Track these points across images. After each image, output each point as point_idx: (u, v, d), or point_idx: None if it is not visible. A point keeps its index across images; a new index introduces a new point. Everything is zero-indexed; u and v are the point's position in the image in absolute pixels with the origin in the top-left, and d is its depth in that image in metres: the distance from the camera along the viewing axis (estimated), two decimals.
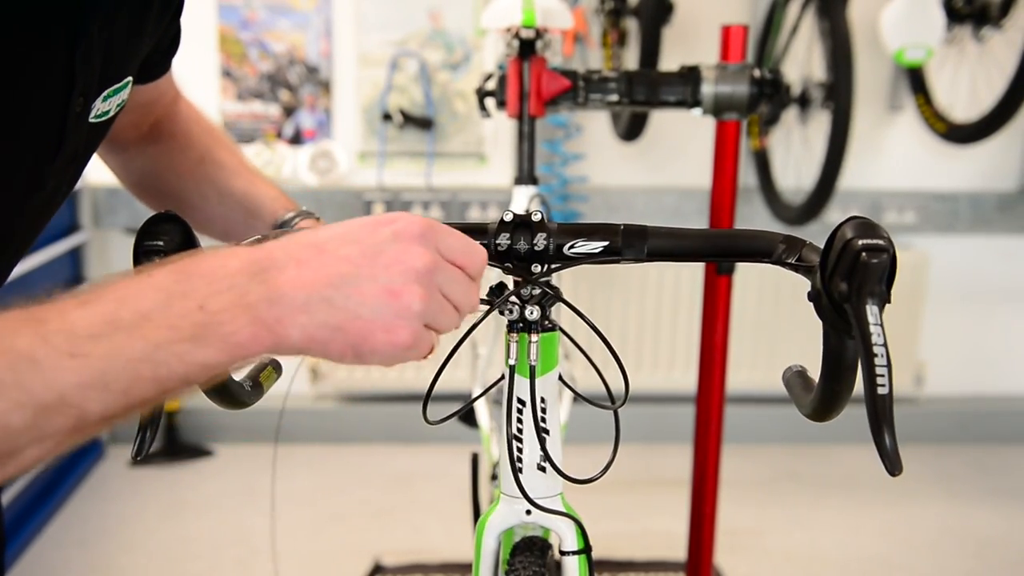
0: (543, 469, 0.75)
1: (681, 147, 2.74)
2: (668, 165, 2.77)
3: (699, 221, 2.61)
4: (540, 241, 0.69)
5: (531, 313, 0.70)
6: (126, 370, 0.49)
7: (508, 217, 0.69)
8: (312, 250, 0.53)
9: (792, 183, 2.55)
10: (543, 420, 0.74)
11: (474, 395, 1.59)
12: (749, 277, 2.66)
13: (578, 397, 0.80)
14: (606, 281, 2.75)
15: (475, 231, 0.70)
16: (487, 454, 1.61)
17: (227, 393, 0.66)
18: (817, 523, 2.41)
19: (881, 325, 0.55)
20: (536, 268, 0.70)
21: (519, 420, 0.75)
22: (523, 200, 1.42)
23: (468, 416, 1.65)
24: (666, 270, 2.74)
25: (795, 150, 2.59)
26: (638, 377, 2.75)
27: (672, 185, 2.76)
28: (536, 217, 0.69)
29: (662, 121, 2.65)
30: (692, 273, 2.68)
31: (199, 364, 0.50)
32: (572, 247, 0.69)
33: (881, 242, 0.56)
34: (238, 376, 0.69)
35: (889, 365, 0.54)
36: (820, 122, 2.37)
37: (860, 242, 0.56)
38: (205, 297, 0.50)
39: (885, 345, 0.55)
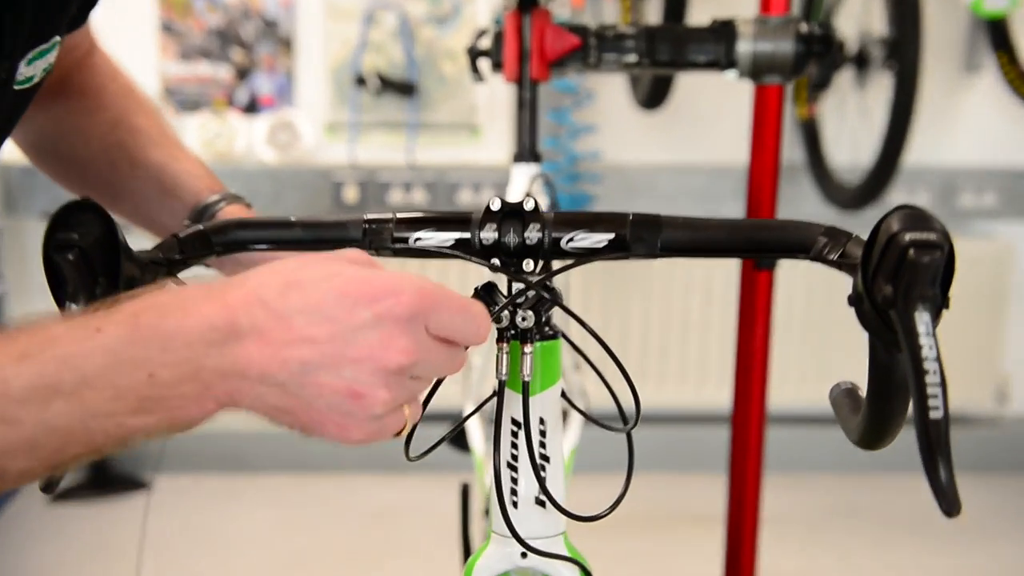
0: (542, 504, 0.75)
1: (713, 117, 2.74)
2: (697, 139, 2.77)
3: (734, 206, 2.61)
4: (533, 233, 0.69)
5: (523, 319, 0.70)
6: (58, 436, 0.53)
7: (495, 205, 0.70)
8: (278, 323, 0.55)
9: (847, 159, 2.55)
10: (542, 445, 0.74)
11: (465, 414, 1.59)
12: (794, 272, 2.66)
13: (585, 417, 0.80)
14: (623, 278, 2.75)
15: (456, 221, 0.70)
16: (480, 484, 1.61)
17: None
18: (878, 567, 2.41)
19: (934, 335, 0.55)
20: (528, 265, 0.70)
21: (514, 445, 0.74)
22: (523, 181, 1.42)
23: (459, 439, 1.66)
24: (694, 265, 2.74)
25: (851, 120, 2.59)
26: (662, 393, 2.76)
27: (702, 163, 2.76)
28: (529, 204, 0.69)
29: (690, 86, 2.65)
30: (726, 269, 2.68)
31: (139, 430, 0.55)
32: (571, 240, 0.69)
33: (933, 236, 0.56)
34: None
35: (943, 384, 0.54)
36: (881, 86, 2.37)
37: (908, 236, 0.56)
38: (157, 366, 0.54)
39: (939, 359, 0.54)
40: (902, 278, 0.56)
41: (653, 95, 2.47)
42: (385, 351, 0.55)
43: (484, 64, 1.51)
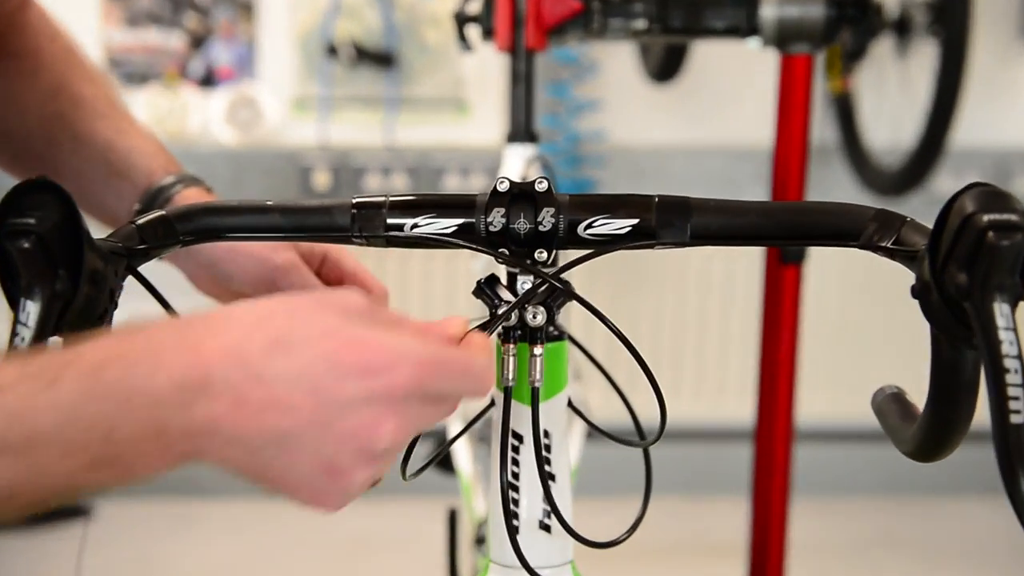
0: (547, 528, 0.75)
1: (733, 92, 2.75)
2: (716, 116, 2.78)
3: (757, 193, 2.62)
4: (546, 219, 0.70)
5: (535, 317, 0.71)
6: (2, 493, 0.54)
7: (503, 187, 0.70)
8: (258, 386, 0.55)
9: (887, 139, 2.56)
10: (547, 462, 0.75)
11: (453, 430, 1.60)
12: (827, 265, 2.66)
13: (595, 431, 0.81)
14: (630, 272, 2.76)
15: (458, 206, 0.71)
16: (468, 510, 1.62)
17: None
18: None
19: (1014, 329, 0.56)
20: (540, 255, 0.70)
21: (515, 462, 0.75)
22: (518, 164, 1.43)
23: (443, 458, 1.66)
24: (712, 257, 2.75)
25: (890, 94, 2.60)
26: (676, 405, 2.76)
27: (721, 144, 2.77)
28: (541, 186, 0.70)
29: (707, 56, 2.66)
30: (749, 261, 2.69)
31: (92, 484, 0.56)
32: (590, 227, 0.70)
33: (1014, 217, 0.57)
34: None
35: None
36: (925, 56, 2.38)
37: (986, 217, 0.57)
38: (116, 423, 0.54)
39: (1020, 357, 0.55)
40: (979, 265, 0.57)
41: (665, 67, 2.47)
42: (373, 432, 0.56)
43: (473, 31, 1.51)
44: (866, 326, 2.77)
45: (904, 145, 2.39)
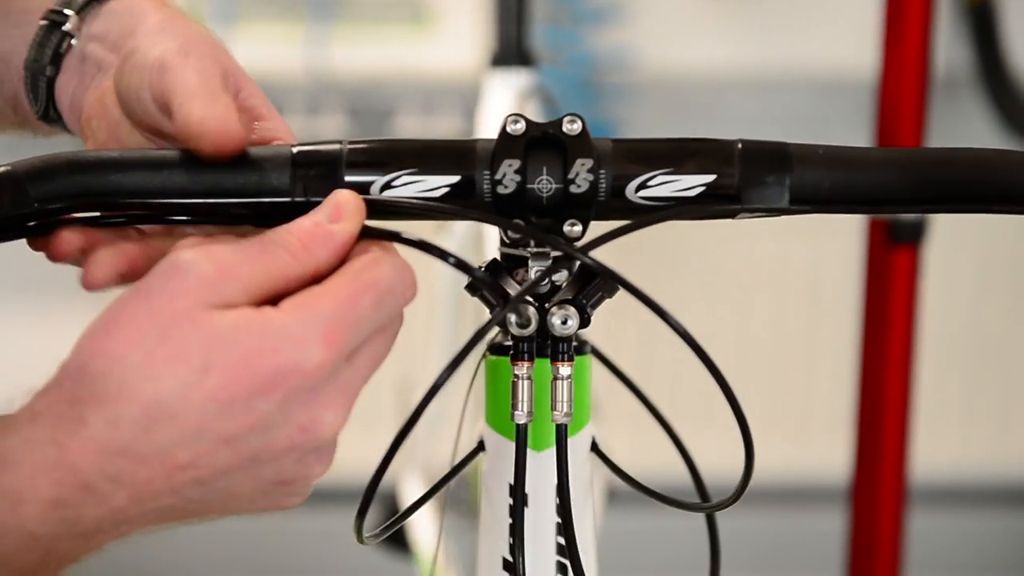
0: None
1: None
2: (793, 32, 2.78)
3: (855, 138, 2.62)
4: (582, 175, 0.70)
5: (563, 320, 0.71)
6: None
7: (516, 127, 0.70)
8: (153, 463, 0.62)
9: None
10: (570, 534, 0.75)
11: (410, 489, 1.59)
12: (955, 247, 2.66)
13: (635, 488, 0.80)
14: (667, 256, 2.76)
15: (449, 157, 0.71)
16: None
17: None
18: None
19: None
20: (573, 228, 0.71)
21: (513, 533, 0.75)
22: (505, 99, 1.43)
23: (395, 532, 1.66)
24: (787, 234, 2.74)
25: None
26: (735, 453, 2.75)
27: (802, 71, 2.77)
28: (573, 127, 0.70)
29: None
30: (842, 239, 2.68)
31: None
32: (644, 186, 0.71)
33: None
34: None
35: None
36: None
37: None
38: None
39: None
40: None
41: None
42: (311, 433, 0.64)
43: None
44: (1016, 335, 2.79)
45: None
